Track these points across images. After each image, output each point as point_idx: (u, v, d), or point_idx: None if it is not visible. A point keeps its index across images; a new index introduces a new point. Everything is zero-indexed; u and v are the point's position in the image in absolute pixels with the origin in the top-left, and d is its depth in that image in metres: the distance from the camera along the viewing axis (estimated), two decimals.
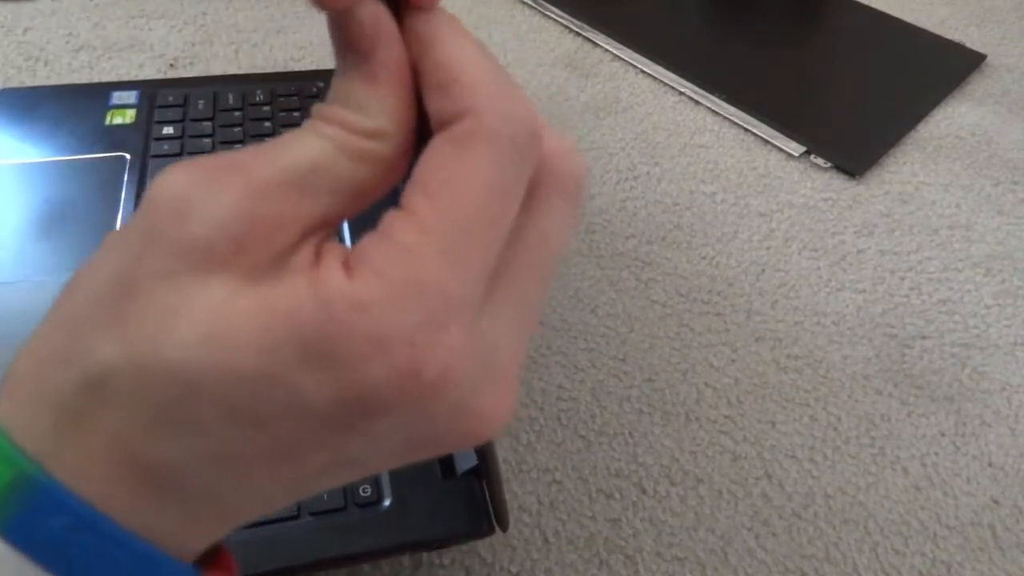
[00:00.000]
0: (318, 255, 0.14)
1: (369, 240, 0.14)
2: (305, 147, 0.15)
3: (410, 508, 0.32)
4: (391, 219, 0.14)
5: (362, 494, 0.32)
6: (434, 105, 0.15)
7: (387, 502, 0.32)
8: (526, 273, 0.16)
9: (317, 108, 0.15)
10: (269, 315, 0.13)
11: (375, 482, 0.32)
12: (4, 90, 0.50)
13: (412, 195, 0.15)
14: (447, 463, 0.33)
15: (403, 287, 0.14)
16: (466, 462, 0.33)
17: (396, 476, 0.33)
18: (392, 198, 0.15)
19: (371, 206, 0.16)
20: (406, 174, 0.16)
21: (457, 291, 0.14)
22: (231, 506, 0.15)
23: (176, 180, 0.14)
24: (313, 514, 0.31)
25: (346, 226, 0.42)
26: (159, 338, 0.13)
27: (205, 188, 0.14)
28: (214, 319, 0.13)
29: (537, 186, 0.16)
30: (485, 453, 0.31)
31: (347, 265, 0.14)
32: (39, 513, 0.14)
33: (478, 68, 0.15)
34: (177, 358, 0.13)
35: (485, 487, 0.32)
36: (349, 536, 0.31)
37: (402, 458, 0.16)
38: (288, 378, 0.13)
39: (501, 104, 0.15)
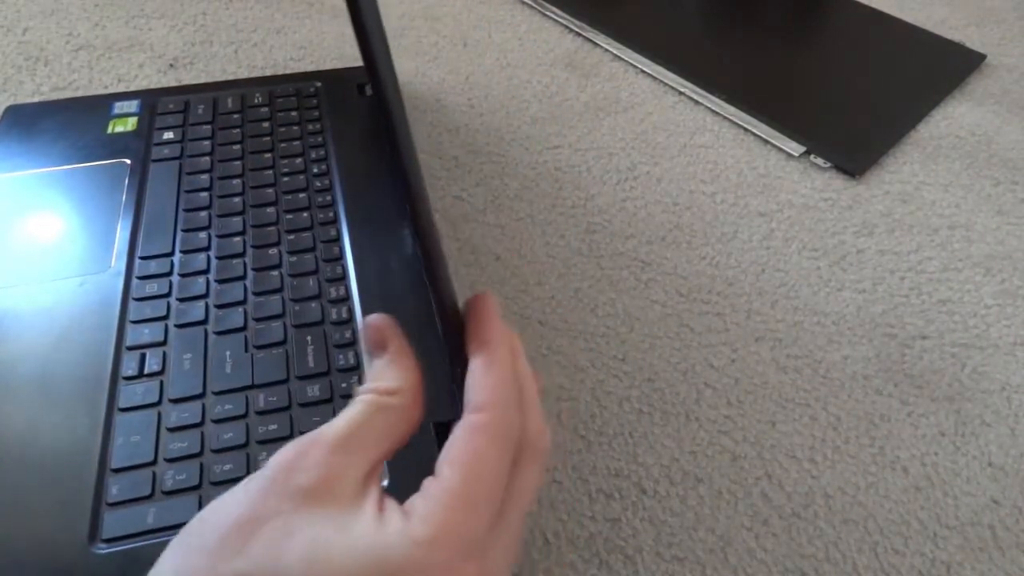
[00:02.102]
0: (381, 505, 0.21)
1: (417, 497, 0.21)
2: (354, 412, 0.23)
3: (411, 491, 0.32)
4: (430, 483, 0.21)
5: None
6: (468, 385, 0.23)
7: (385, 482, 0.32)
8: (514, 515, 0.23)
9: (359, 388, 0.24)
10: (353, 547, 0.20)
11: None
12: (11, 107, 0.51)
13: (443, 466, 0.22)
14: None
15: (443, 531, 0.20)
16: None
17: (394, 462, 0.33)
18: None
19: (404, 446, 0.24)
20: (422, 418, 0.24)
21: (477, 536, 0.21)
22: None
23: (286, 451, 0.21)
24: None
25: None
26: (278, 558, 0.20)
27: (303, 452, 0.21)
28: (316, 547, 0.20)
29: (522, 456, 0.23)
30: None
31: (403, 513, 0.21)
32: None
33: (495, 384, 0.23)
34: (290, 567, 0.20)
35: None
36: None
37: None
38: None
39: (503, 412, 0.23)
